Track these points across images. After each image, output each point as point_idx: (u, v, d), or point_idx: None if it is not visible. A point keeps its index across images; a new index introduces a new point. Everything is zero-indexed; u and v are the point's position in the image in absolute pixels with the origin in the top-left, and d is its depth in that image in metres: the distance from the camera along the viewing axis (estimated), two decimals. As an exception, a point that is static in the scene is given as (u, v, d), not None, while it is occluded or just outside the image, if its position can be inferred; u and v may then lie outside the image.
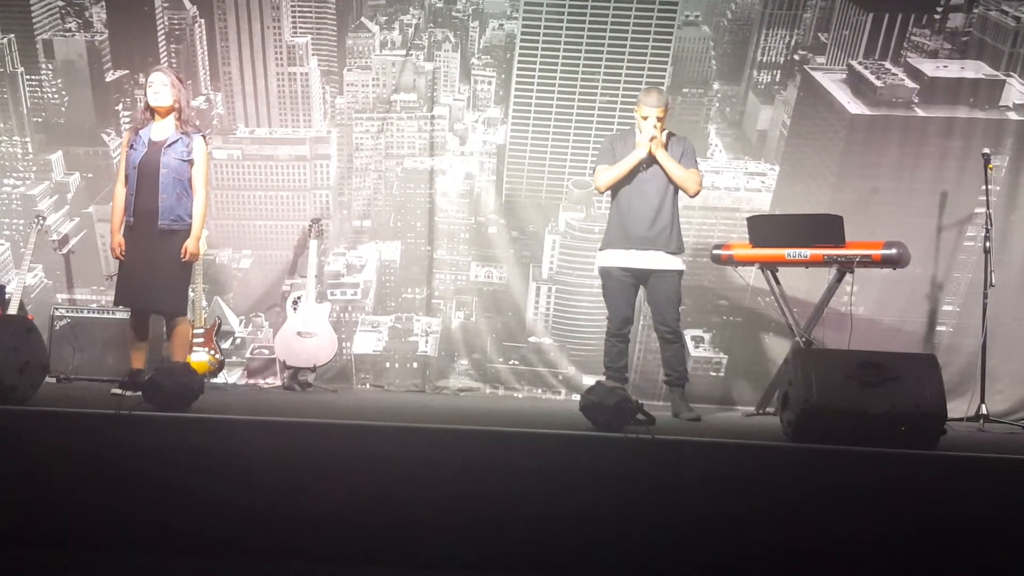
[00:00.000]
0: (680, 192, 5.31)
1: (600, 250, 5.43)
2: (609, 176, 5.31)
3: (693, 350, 6.42)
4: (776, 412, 4.69)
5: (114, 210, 5.38)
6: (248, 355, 6.77)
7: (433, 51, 6.79)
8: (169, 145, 5.25)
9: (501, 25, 6.77)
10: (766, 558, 3.55)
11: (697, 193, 5.36)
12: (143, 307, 5.36)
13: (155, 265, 5.23)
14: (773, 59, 6.66)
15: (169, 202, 5.22)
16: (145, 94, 5.37)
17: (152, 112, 5.32)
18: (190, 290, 5.69)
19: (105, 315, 6.43)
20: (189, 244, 5.25)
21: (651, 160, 5.24)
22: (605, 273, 5.37)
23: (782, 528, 3.58)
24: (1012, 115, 6.48)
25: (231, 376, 6.65)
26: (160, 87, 5.27)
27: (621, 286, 5.32)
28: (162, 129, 5.30)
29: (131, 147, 5.30)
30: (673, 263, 5.28)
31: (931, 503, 3.61)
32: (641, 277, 5.32)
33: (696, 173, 5.29)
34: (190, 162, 5.28)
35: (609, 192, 5.41)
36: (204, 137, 5.39)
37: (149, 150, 5.25)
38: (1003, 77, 6.50)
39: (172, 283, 5.29)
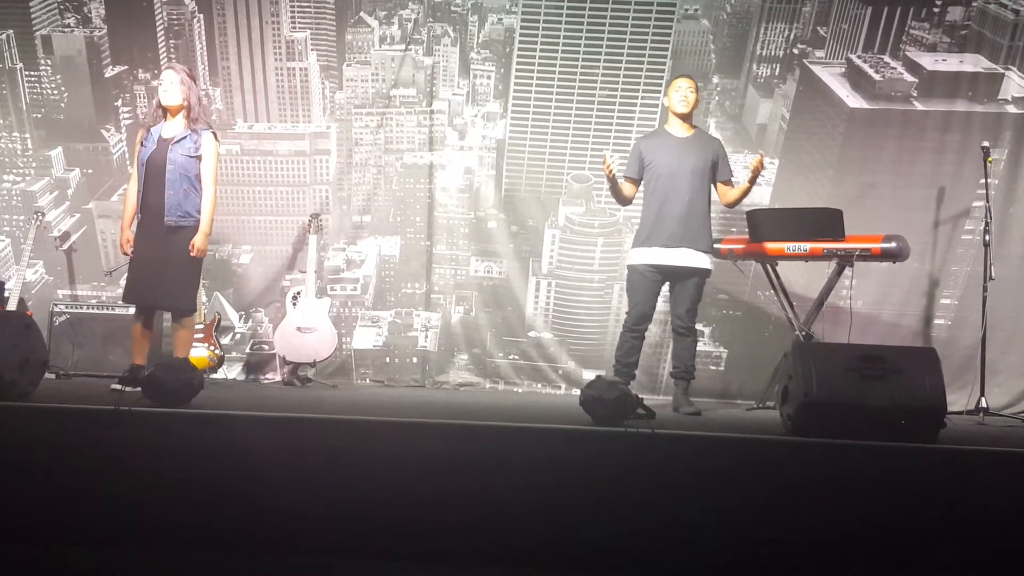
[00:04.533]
0: (712, 191, 5.39)
1: (633, 247, 5.42)
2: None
3: (692, 344, 6.40)
4: (776, 406, 4.69)
5: (125, 206, 5.39)
6: (248, 350, 6.77)
7: (432, 46, 6.78)
8: (177, 142, 5.24)
9: (500, 19, 6.76)
10: (766, 552, 3.56)
11: None
12: (152, 305, 5.33)
13: (164, 262, 5.20)
14: (772, 53, 6.65)
15: (176, 198, 5.20)
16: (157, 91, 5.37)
17: (164, 110, 5.32)
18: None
19: (104, 311, 6.43)
20: (197, 240, 5.22)
21: (683, 156, 5.27)
22: (632, 268, 5.37)
23: (782, 522, 3.58)
24: (1011, 108, 6.48)
25: (231, 372, 6.66)
26: (169, 85, 5.26)
27: (645, 282, 5.31)
28: (172, 126, 5.30)
29: (142, 144, 5.30)
30: (702, 261, 5.28)
31: (931, 496, 3.62)
32: (668, 274, 5.32)
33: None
34: (198, 158, 5.27)
35: (642, 188, 5.41)
36: (215, 134, 5.38)
37: (157, 147, 5.24)
38: (1002, 70, 6.50)
39: (181, 280, 5.26)
